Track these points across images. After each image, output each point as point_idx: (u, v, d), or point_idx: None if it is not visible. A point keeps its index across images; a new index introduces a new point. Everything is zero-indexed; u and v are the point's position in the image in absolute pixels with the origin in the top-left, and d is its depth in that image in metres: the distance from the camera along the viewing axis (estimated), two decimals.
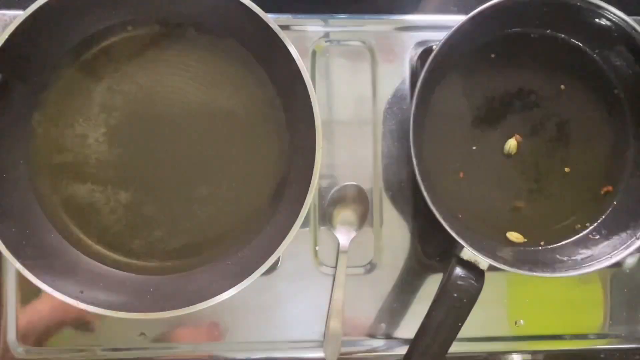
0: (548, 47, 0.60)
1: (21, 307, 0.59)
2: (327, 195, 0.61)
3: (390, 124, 0.62)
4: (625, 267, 0.64)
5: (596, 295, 0.64)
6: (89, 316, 0.59)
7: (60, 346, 0.60)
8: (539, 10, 0.57)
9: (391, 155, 0.62)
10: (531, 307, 0.63)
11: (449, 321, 0.53)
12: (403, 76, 0.62)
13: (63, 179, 0.57)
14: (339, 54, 0.62)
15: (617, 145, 0.61)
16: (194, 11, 0.56)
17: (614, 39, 0.57)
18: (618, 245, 0.57)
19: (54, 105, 0.57)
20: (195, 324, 0.60)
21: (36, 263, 0.51)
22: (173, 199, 0.58)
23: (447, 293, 0.53)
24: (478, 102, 0.61)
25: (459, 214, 0.60)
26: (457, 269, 0.54)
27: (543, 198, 0.61)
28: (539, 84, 0.61)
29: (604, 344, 0.64)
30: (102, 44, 0.57)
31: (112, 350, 0.60)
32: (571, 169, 0.61)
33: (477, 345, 0.63)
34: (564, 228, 0.61)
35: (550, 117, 0.61)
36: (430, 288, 0.60)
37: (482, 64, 0.60)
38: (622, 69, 0.59)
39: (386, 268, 0.62)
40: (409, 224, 0.62)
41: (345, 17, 0.62)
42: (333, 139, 0.61)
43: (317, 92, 0.60)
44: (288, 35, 0.51)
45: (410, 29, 0.62)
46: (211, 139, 0.58)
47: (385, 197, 0.62)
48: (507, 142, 0.61)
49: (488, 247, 0.57)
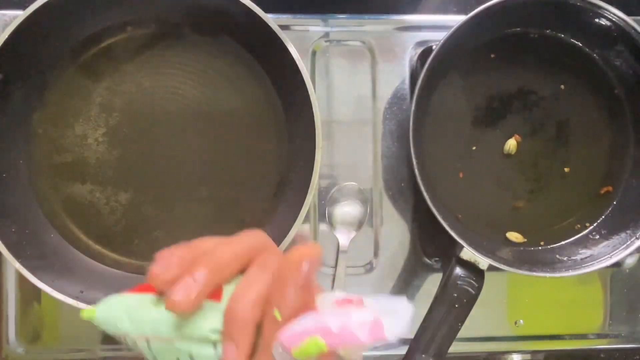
0: (548, 47, 0.60)
1: (21, 307, 0.59)
2: (327, 195, 0.61)
3: (390, 124, 0.62)
4: (625, 267, 0.64)
5: (596, 295, 0.64)
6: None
7: (60, 346, 0.60)
8: (539, 10, 0.57)
9: (391, 155, 0.62)
10: (531, 307, 0.63)
11: (449, 321, 0.53)
12: (403, 76, 0.62)
13: (63, 179, 0.57)
14: (338, 53, 0.62)
15: (617, 145, 0.61)
16: (193, 11, 0.56)
17: (614, 39, 0.57)
18: (618, 245, 0.57)
19: (54, 105, 0.57)
20: None
21: (36, 263, 0.51)
22: (173, 199, 0.58)
23: (447, 293, 0.53)
24: (478, 102, 0.61)
25: (459, 214, 0.60)
26: (457, 269, 0.54)
27: (543, 198, 0.61)
28: (539, 84, 0.61)
29: (604, 344, 0.64)
30: (102, 44, 0.57)
31: (112, 350, 0.60)
32: (571, 169, 0.61)
33: (477, 345, 0.63)
34: (564, 228, 0.61)
35: (550, 117, 0.61)
36: (430, 288, 0.60)
37: (482, 64, 0.60)
38: (622, 69, 0.59)
39: (386, 268, 0.62)
40: (409, 224, 0.62)
41: (345, 17, 0.62)
42: (333, 139, 0.61)
43: (317, 92, 0.60)
44: (288, 35, 0.51)
45: (410, 29, 0.62)
46: (211, 139, 0.58)
47: (385, 197, 0.62)
48: (507, 142, 0.61)
49: (488, 247, 0.57)
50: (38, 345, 0.60)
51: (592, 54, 0.60)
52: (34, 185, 0.57)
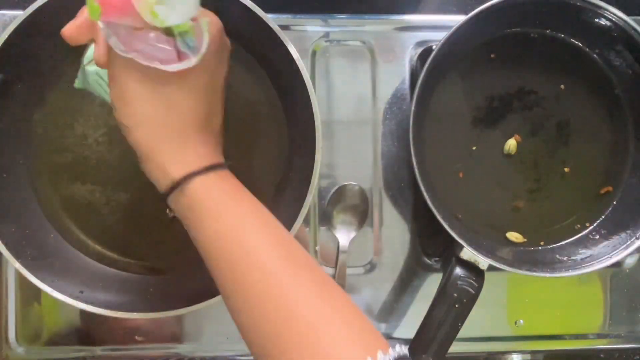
0: (548, 47, 0.60)
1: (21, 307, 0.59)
2: (327, 195, 0.61)
3: (390, 124, 0.62)
4: (625, 267, 0.64)
5: (596, 295, 0.64)
6: (88, 316, 0.59)
7: (60, 346, 0.60)
8: (539, 10, 0.57)
9: (391, 155, 0.62)
10: (531, 307, 0.63)
11: (449, 321, 0.53)
12: (403, 76, 0.62)
13: (63, 179, 0.57)
14: (338, 53, 0.62)
15: (617, 145, 0.61)
16: None
17: (614, 39, 0.57)
18: (618, 245, 0.57)
19: (54, 105, 0.57)
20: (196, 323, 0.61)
21: (36, 263, 0.51)
22: None
23: (447, 293, 0.53)
24: (478, 102, 0.61)
25: (459, 214, 0.60)
26: (457, 269, 0.54)
27: (543, 198, 0.61)
28: (539, 84, 0.61)
29: (604, 344, 0.64)
30: None
31: (112, 350, 0.60)
32: (571, 169, 0.61)
33: (477, 345, 0.63)
34: (564, 228, 0.61)
35: (550, 117, 0.61)
36: (430, 288, 0.60)
37: (482, 64, 0.60)
38: (622, 69, 0.59)
39: (386, 268, 0.62)
40: (409, 224, 0.62)
41: (345, 17, 0.62)
42: (333, 139, 0.61)
43: (317, 92, 0.60)
44: (288, 35, 0.51)
45: (410, 29, 0.62)
46: None
47: (385, 197, 0.62)
48: (507, 142, 0.61)
49: (488, 247, 0.57)
50: (38, 345, 0.60)
51: (592, 54, 0.60)
52: (34, 185, 0.57)
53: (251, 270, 0.37)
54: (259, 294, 0.37)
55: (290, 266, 0.38)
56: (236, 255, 0.38)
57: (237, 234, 0.38)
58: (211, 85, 0.41)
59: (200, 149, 0.41)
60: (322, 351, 0.34)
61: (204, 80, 0.40)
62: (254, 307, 0.37)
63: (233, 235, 0.38)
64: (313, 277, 0.38)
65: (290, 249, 0.39)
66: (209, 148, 0.41)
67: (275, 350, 0.35)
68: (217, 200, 0.39)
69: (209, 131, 0.42)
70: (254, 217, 0.40)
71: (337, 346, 0.35)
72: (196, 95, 0.40)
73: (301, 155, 0.56)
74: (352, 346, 0.35)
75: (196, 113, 0.40)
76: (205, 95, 0.40)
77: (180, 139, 0.40)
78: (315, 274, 0.38)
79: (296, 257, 0.39)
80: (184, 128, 0.40)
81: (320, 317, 0.36)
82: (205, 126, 0.41)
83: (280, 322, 0.36)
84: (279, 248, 0.38)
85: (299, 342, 0.35)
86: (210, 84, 0.41)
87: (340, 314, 0.37)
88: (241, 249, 0.38)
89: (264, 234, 0.39)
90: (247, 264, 0.37)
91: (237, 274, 0.38)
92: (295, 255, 0.39)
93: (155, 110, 0.39)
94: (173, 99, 0.39)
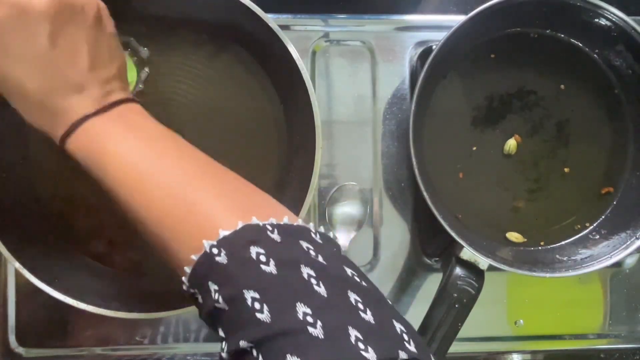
0: (548, 47, 0.60)
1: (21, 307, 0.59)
2: (327, 195, 0.61)
3: (390, 124, 0.62)
4: (625, 267, 0.64)
5: (596, 295, 0.64)
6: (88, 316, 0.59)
7: (60, 346, 0.60)
8: (539, 10, 0.57)
9: (391, 155, 0.62)
10: (531, 307, 0.63)
11: (449, 321, 0.53)
12: (403, 76, 0.62)
13: (63, 179, 0.57)
14: (338, 53, 0.62)
15: (617, 145, 0.61)
16: (193, 12, 0.56)
17: (614, 39, 0.57)
18: (618, 245, 0.57)
19: None
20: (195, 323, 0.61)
21: (36, 263, 0.51)
22: None
23: (447, 293, 0.53)
24: (478, 102, 0.61)
25: (459, 214, 0.60)
26: (457, 269, 0.54)
27: (543, 198, 0.61)
28: (539, 84, 0.61)
29: (603, 344, 0.64)
30: None
31: (112, 350, 0.60)
32: (571, 169, 0.61)
33: (477, 345, 0.63)
34: (563, 228, 0.61)
35: (550, 117, 0.61)
36: (430, 288, 0.60)
37: (482, 64, 0.60)
38: (622, 69, 0.59)
39: (386, 268, 0.62)
40: (409, 224, 0.62)
41: (345, 17, 0.62)
42: (333, 139, 0.61)
43: (317, 92, 0.60)
44: (288, 35, 0.51)
45: (410, 29, 0.62)
46: (211, 139, 0.58)
47: (385, 197, 0.62)
48: (507, 142, 0.61)
49: (488, 247, 0.57)
50: (38, 345, 0.60)
51: (592, 54, 0.60)
52: (34, 185, 0.57)
53: (153, 189, 0.40)
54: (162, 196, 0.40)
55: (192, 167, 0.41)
56: (139, 186, 0.40)
57: (137, 167, 0.40)
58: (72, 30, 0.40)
59: (93, 90, 0.41)
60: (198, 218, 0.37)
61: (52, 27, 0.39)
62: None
63: (134, 169, 0.40)
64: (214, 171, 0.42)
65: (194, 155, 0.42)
66: (103, 89, 0.42)
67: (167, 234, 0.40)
68: (114, 137, 0.40)
69: (101, 73, 0.42)
70: (155, 145, 0.42)
71: (212, 208, 0.37)
72: (65, 42, 0.40)
73: (301, 155, 0.56)
74: (225, 211, 0.37)
75: (74, 58, 0.40)
76: (76, 42, 0.40)
77: (68, 85, 0.40)
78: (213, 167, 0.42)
79: (197, 158, 0.42)
80: (64, 75, 0.40)
81: (203, 191, 0.39)
82: (93, 68, 0.41)
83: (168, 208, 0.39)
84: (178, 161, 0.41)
85: (182, 216, 0.38)
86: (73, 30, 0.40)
87: (221, 186, 0.40)
88: (143, 180, 0.40)
89: (170, 157, 0.41)
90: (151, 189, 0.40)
91: (144, 200, 0.41)
92: (196, 156, 0.42)
93: (34, 61, 0.39)
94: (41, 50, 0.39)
